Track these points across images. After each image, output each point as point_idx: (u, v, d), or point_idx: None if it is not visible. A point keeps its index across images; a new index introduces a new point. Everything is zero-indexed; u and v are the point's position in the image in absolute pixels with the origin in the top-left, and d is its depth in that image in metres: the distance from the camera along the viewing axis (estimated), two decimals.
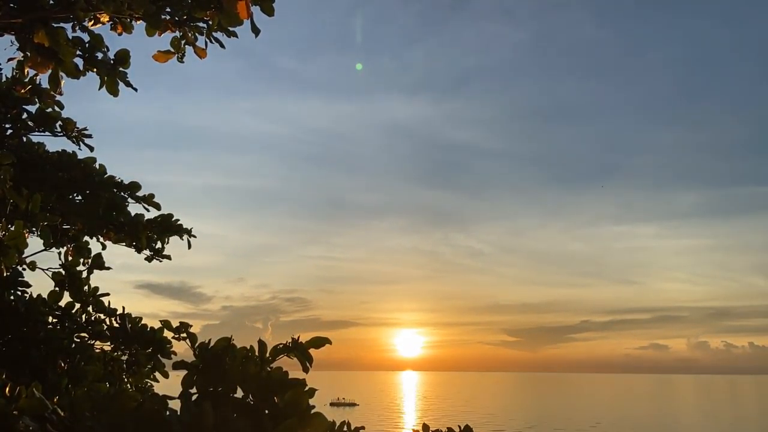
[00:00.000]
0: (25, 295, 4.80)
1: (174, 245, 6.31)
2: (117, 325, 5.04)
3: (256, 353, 3.01)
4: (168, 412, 2.56)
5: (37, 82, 5.24)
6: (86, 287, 5.06)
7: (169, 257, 6.27)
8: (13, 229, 5.38)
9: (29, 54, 3.55)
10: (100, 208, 5.91)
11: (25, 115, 5.39)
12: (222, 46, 3.77)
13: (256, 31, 3.66)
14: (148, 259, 6.20)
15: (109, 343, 5.10)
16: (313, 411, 2.75)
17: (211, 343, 3.01)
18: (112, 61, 3.85)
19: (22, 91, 5.17)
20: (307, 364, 3.08)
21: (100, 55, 3.76)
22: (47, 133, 5.56)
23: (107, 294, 5.08)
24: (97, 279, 5.20)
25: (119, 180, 6.11)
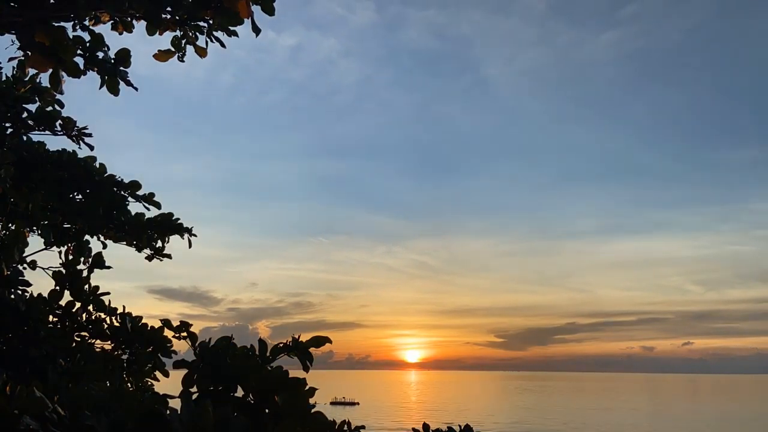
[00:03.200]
0: (26, 294, 4.80)
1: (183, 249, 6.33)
2: (117, 325, 5.04)
3: (257, 352, 3.02)
4: (168, 411, 2.56)
5: (38, 81, 5.24)
6: (87, 286, 5.05)
7: (169, 256, 6.28)
8: (13, 228, 5.39)
9: (30, 53, 3.54)
10: (101, 207, 5.91)
11: (25, 114, 5.39)
12: (223, 45, 3.77)
13: (256, 30, 3.66)
14: (149, 258, 6.20)
15: (109, 342, 5.10)
16: (313, 410, 2.76)
17: (212, 342, 3.01)
18: (112, 61, 3.84)
19: (22, 89, 5.17)
20: (308, 363, 3.08)
21: (100, 55, 3.76)
22: (47, 132, 5.56)
23: (108, 293, 5.08)
24: (109, 282, 5.22)
25: (119, 179, 6.10)
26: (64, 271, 5.10)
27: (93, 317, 5.04)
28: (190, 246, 6.27)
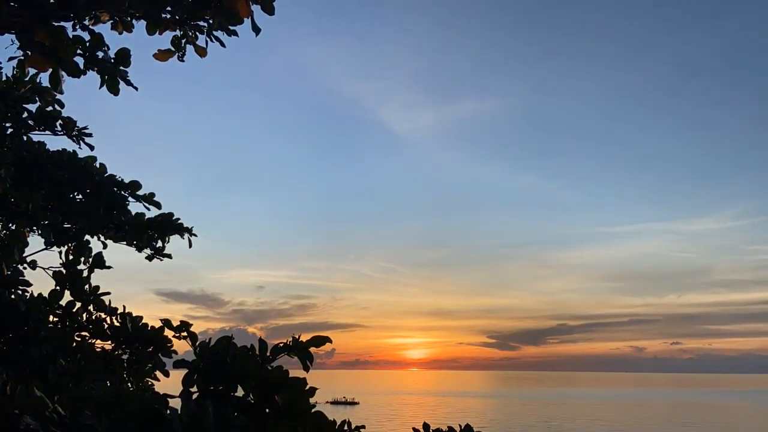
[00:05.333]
0: (26, 294, 4.80)
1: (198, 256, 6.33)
2: (118, 324, 5.04)
3: (257, 352, 3.02)
4: (169, 411, 2.56)
5: (38, 81, 5.23)
6: (87, 286, 5.06)
7: (170, 256, 6.28)
8: (13, 228, 5.39)
9: (30, 53, 3.54)
10: (101, 207, 5.91)
11: (25, 114, 5.39)
12: (223, 45, 3.77)
13: (256, 29, 3.66)
14: (149, 258, 6.20)
15: (109, 342, 5.10)
16: (313, 410, 2.75)
17: (212, 342, 3.01)
18: (112, 60, 3.84)
19: (23, 89, 5.17)
20: (308, 363, 3.08)
21: (100, 54, 3.75)
22: (48, 132, 5.56)
23: (108, 293, 5.08)
24: (116, 284, 5.23)
25: (119, 179, 6.11)
26: (64, 271, 5.10)
27: (93, 317, 5.04)
28: (190, 246, 6.27)
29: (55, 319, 4.87)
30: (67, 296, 4.96)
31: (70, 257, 5.34)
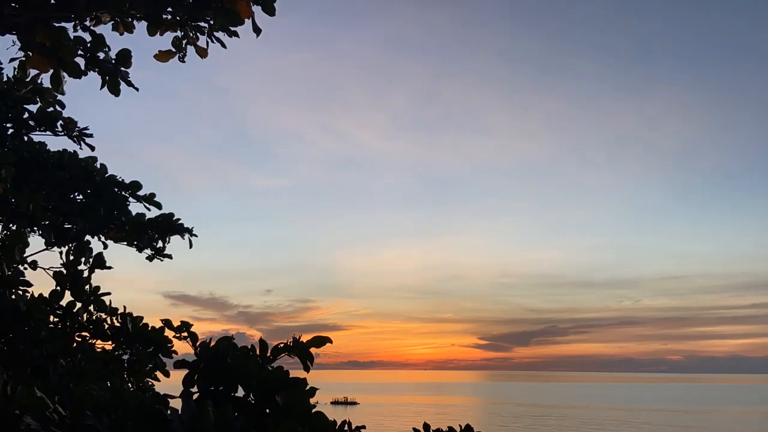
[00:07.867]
0: (27, 294, 4.80)
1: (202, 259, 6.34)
2: (118, 325, 5.04)
3: (257, 352, 3.02)
4: (169, 411, 2.56)
5: (39, 82, 5.24)
6: (87, 286, 5.06)
7: (170, 256, 6.28)
8: (14, 228, 5.39)
9: (31, 54, 3.55)
10: (102, 207, 5.91)
11: (26, 115, 5.40)
12: (223, 45, 3.77)
13: (257, 30, 3.66)
14: (150, 258, 6.21)
15: (110, 342, 5.10)
16: (313, 410, 2.76)
17: (212, 343, 3.02)
18: (113, 61, 3.84)
19: (24, 90, 5.18)
20: (308, 363, 3.08)
21: (101, 55, 3.76)
22: (48, 133, 5.57)
23: (108, 293, 5.09)
24: (124, 286, 5.24)
25: (120, 179, 6.11)
26: (64, 272, 5.10)
27: (94, 317, 5.05)
28: (191, 246, 6.27)
29: (56, 319, 4.87)
30: (67, 296, 4.96)
31: (71, 257, 5.34)
